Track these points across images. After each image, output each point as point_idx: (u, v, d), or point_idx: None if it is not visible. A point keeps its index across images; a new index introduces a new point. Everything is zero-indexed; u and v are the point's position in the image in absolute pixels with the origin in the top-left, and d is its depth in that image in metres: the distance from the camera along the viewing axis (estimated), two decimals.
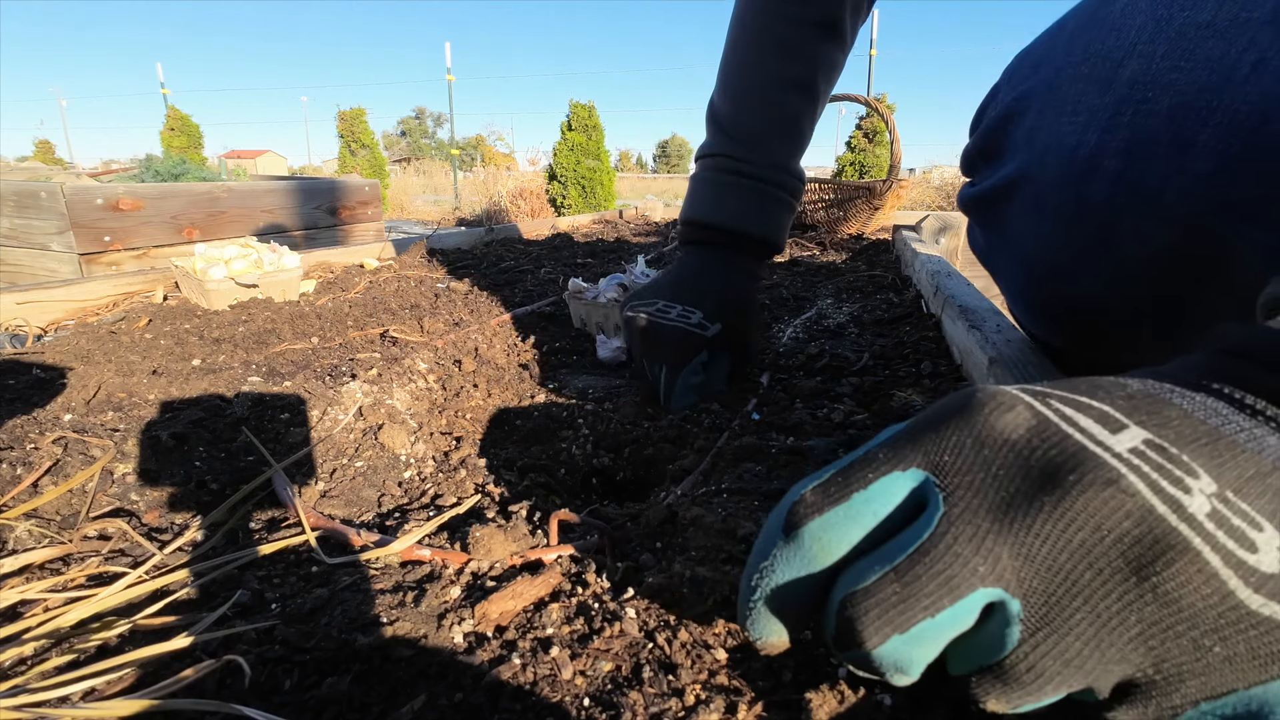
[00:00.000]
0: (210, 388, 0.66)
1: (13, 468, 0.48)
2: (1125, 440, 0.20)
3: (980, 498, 0.20)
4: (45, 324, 0.95)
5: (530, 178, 6.10)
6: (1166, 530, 0.18)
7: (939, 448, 0.21)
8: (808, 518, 0.22)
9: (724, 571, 0.35)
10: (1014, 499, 0.20)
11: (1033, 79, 0.47)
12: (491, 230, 1.94)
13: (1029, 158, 0.46)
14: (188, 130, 7.26)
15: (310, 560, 0.41)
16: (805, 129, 0.70)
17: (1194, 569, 0.18)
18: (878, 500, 0.22)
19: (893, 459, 0.22)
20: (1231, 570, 0.18)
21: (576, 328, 0.98)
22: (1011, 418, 0.21)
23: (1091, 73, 0.41)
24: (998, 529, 0.20)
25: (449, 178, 9.35)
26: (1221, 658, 0.18)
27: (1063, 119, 0.43)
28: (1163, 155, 0.37)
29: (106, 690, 0.30)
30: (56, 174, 4.17)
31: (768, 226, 0.70)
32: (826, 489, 0.22)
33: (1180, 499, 0.18)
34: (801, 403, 0.65)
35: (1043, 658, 0.19)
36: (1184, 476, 0.19)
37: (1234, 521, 0.18)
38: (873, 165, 4.98)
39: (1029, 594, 0.19)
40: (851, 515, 0.22)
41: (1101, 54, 0.41)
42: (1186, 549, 0.18)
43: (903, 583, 0.20)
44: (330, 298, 1.10)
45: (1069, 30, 0.45)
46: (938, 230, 1.82)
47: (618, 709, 0.28)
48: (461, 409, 0.68)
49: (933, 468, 0.21)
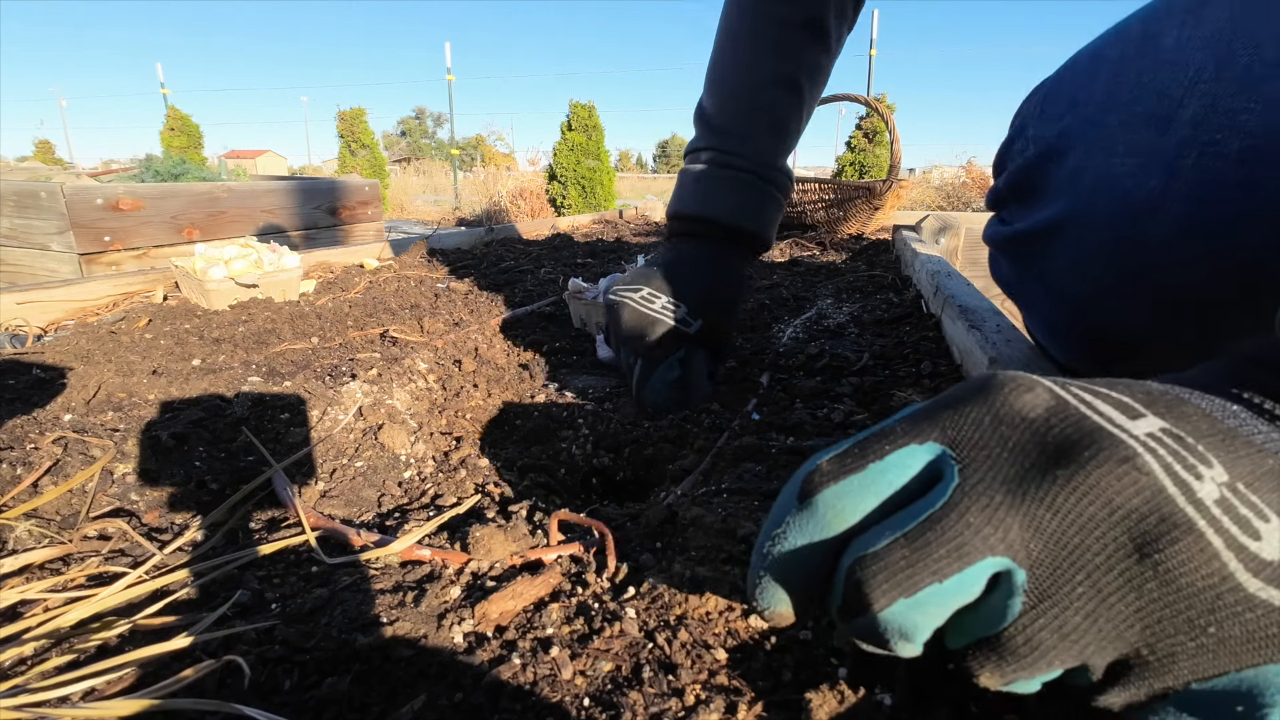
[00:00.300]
0: (210, 388, 0.66)
1: (13, 468, 0.48)
2: (1143, 426, 0.20)
3: (995, 471, 0.20)
4: (45, 324, 0.95)
5: (530, 178, 6.10)
6: (1174, 510, 0.18)
7: (957, 423, 0.22)
8: (823, 485, 0.22)
9: (724, 571, 0.35)
10: (1028, 472, 0.20)
11: (1071, 116, 0.45)
12: (491, 230, 1.94)
13: (1074, 199, 0.44)
14: (188, 130, 7.26)
15: (310, 560, 0.41)
16: (792, 128, 0.70)
17: (1196, 549, 0.18)
18: (893, 471, 0.22)
19: (911, 432, 0.22)
20: (1233, 554, 0.18)
21: (576, 328, 0.98)
22: (1031, 398, 0.21)
23: (1145, 111, 0.39)
24: (1010, 500, 0.20)
25: (449, 178, 9.35)
26: (1216, 639, 0.18)
27: (1113, 159, 0.41)
28: (1231, 199, 0.35)
29: (106, 690, 0.30)
30: (56, 174, 4.17)
31: (759, 221, 0.70)
32: (843, 459, 0.23)
33: (1191, 483, 0.19)
34: (801, 403, 0.65)
35: (1040, 630, 0.19)
36: (1197, 464, 0.19)
37: (1241, 510, 0.18)
38: (873, 165, 4.98)
39: (1035, 565, 0.20)
40: (867, 484, 0.22)
41: (1156, 91, 0.39)
42: (1191, 529, 0.18)
43: (913, 548, 0.20)
44: (330, 298, 1.10)
45: (1109, 63, 0.43)
46: (938, 230, 1.82)
47: (618, 709, 0.28)
48: (461, 409, 0.68)
49: (950, 442, 0.22)
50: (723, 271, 0.69)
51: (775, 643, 0.32)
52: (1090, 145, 0.43)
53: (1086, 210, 0.43)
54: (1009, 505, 0.20)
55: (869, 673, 0.29)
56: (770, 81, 0.67)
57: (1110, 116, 0.42)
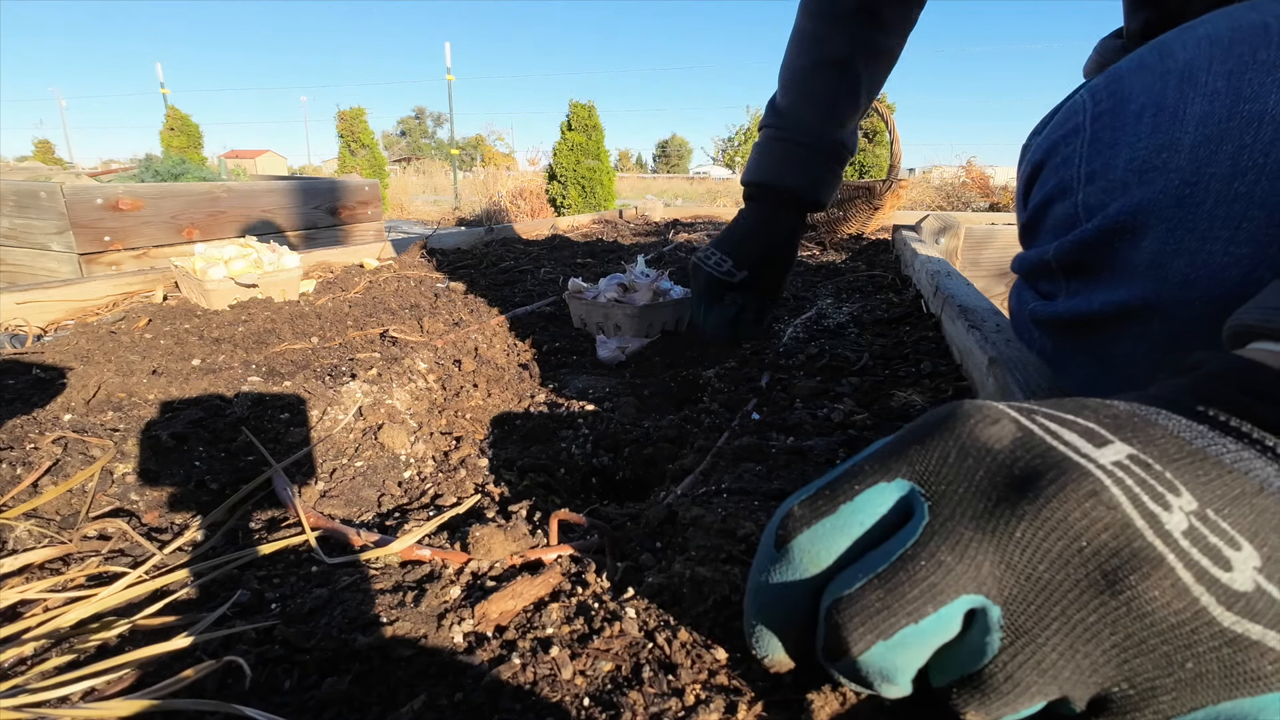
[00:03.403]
0: (210, 388, 0.66)
1: (13, 468, 0.48)
2: (1109, 454, 0.20)
3: (964, 506, 0.20)
4: (45, 324, 0.95)
5: (530, 178, 6.10)
6: (1142, 545, 0.18)
7: (924, 458, 0.21)
8: (797, 531, 0.23)
9: (724, 571, 0.35)
10: (997, 507, 0.20)
11: (1148, 187, 0.38)
12: (491, 230, 1.94)
13: (1159, 288, 0.39)
14: (187, 130, 7.26)
15: (310, 560, 0.41)
16: (843, 102, 0.78)
17: (1166, 584, 0.18)
18: (864, 511, 0.22)
19: (878, 470, 0.22)
20: (1204, 587, 0.18)
21: (576, 328, 0.98)
22: (996, 430, 0.21)
23: (1253, 193, 0.33)
24: (981, 537, 0.20)
25: (449, 178, 9.35)
26: (1193, 674, 0.18)
27: (1213, 246, 0.36)
28: None
29: (106, 690, 0.30)
30: (56, 174, 4.17)
31: (801, 180, 0.79)
32: (815, 502, 0.23)
33: (1159, 515, 0.18)
34: (801, 403, 0.65)
35: (1020, 667, 0.19)
36: (1165, 493, 0.19)
37: (1210, 539, 0.18)
38: (872, 165, 4.97)
39: (1009, 601, 0.19)
40: (839, 526, 0.22)
41: (1270, 171, 0.33)
42: (1160, 564, 0.18)
43: (886, 589, 0.20)
44: (330, 298, 1.10)
45: (1193, 123, 0.36)
46: (937, 230, 1.82)
47: (618, 709, 0.28)
48: (461, 409, 0.68)
49: (918, 478, 0.21)
50: (771, 227, 0.82)
51: None
52: (1177, 227, 0.37)
53: (1178, 305, 0.38)
54: (979, 542, 0.20)
55: None
56: (820, 62, 0.76)
57: (1205, 193, 0.35)
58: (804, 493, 0.23)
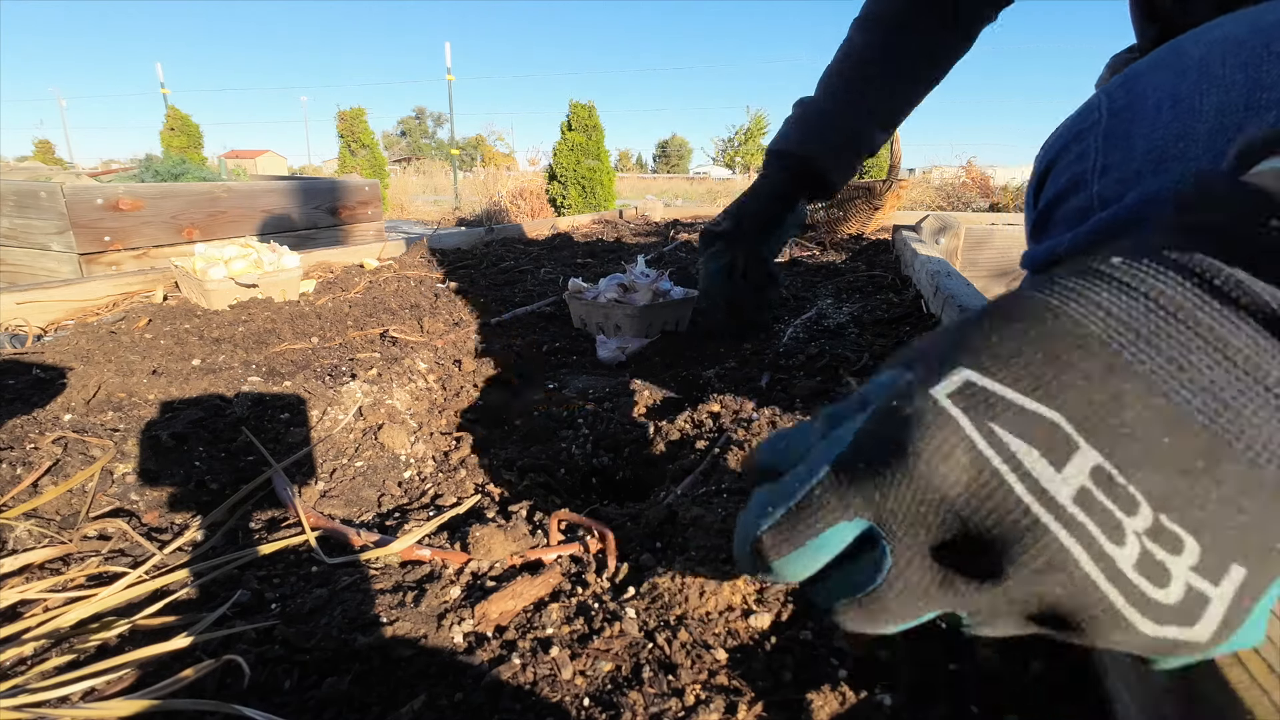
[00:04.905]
0: (210, 388, 0.66)
1: (13, 468, 0.48)
2: (1073, 480, 0.19)
3: (923, 561, 0.21)
4: (45, 324, 0.95)
5: (530, 178, 6.10)
6: (1100, 601, 0.19)
7: (880, 498, 0.21)
8: (769, 558, 0.24)
9: (724, 571, 0.35)
10: (958, 561, 0.21)
11: (1165, 176, 0.37)
12: (491, 230, 1.94)
13: None
14: (188, 130, 7.26)
15: (310, 560, 0.41)
16: (870, 92, 0.89)
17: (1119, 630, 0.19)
18: (828, 547, 0.23)
19: (837, 506, 0.22)
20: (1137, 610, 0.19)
21: (576, 328, 0.98)
22: (948, 470, 0.20)
23: None
24: (941, 592, 0.21)
25: (449, 178, 9.35)
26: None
27: None
28: None
29: (106, 690, 0.30)
30: (56, 174, 4.17)
31: (791, 142, 0.90)
32: (778, 533, 0.23)
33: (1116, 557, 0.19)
34: (801, 403, 0.65)
35: None
36: (1123, 519, 0.19)
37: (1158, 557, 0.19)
38: (872, 165, 4.97)
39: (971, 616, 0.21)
40: (806, 557, 0.23)
41: None
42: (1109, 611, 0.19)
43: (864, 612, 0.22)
44: (330, 298, 1.10)
45: (1210, 113, 0.35)
46: (937, 230, 1.82)
47: (618, 709, 0.28)
48: (461, 409, 0.68)
49: (875, 519, 0.22)
50: (754, 188, 0.94)
51: (776, 643, 0.32)
52: None
53: None
54: (940, 597, 0.21)
55: (870, 673, 0.29)
56: (853, 63, 0.89)
57: None
58: (765, 517, 0.23)
